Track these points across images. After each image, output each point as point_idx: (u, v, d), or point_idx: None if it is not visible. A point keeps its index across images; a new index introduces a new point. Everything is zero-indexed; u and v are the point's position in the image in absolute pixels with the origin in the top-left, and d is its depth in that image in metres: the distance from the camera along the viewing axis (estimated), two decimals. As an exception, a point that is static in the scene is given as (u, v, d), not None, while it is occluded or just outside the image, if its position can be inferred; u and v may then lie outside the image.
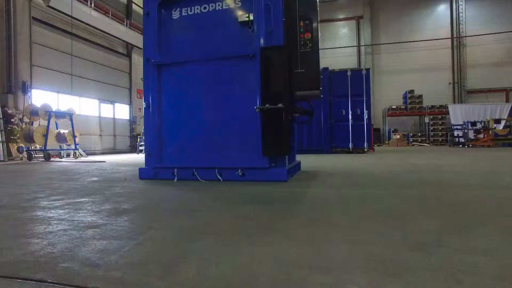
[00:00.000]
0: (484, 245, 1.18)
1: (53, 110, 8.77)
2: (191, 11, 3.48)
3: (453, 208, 1.85)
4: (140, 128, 15.31)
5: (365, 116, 9.17)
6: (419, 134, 20.15)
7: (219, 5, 3.38)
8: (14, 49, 9.51)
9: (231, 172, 3.24)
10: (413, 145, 19.46)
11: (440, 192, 2.42)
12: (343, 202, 2.08)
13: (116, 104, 14.27)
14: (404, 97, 20.74)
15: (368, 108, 9.20)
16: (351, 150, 9.31)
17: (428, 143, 19.49)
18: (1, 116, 8.18)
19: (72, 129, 9.11)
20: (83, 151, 10.74)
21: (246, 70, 3.20)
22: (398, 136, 18.50)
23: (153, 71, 3.50)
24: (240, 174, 3.21)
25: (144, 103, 3.61)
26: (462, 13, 20.76)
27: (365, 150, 9.24)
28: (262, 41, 3.13)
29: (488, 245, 1.18)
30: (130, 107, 15.17)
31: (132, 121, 15.21)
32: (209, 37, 3.40)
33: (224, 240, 1.33)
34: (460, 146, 14.17)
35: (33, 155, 8.29)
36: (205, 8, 3.43)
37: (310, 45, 3.23)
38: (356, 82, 9.25)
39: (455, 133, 14.85)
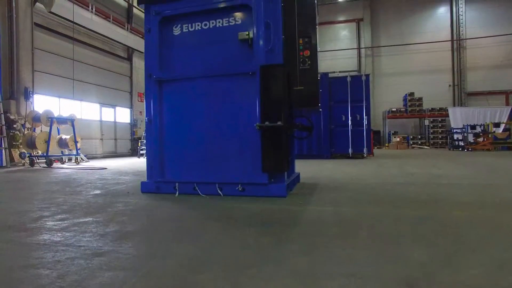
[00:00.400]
0: (472, 282, 1.24)
1: (55, 116, 8.84)
2: (192, 27, 3.54)
3: (446, 232, 1.92)
4: (141, 131, 15.38)
5: (365, 122, 9.23)
6: (419, 137, 20.21)
7: (219, 22, 3.45)
8: (16, 55, 9.59)
9: (231, 187, 3.31)
10: (413, 147, 19.53)
11: (435, 210, 2.49)
12: (339, 224, 2.15)
13: (117, 108, 14.35)
14: (404, 99, 20.80)
15: (368, 114, 9.27)
16: (350, 156, 9.37)
17: (428, 146, 19.55)
18: (4, 122, 8.24)
19: (73, 135, 9.18)
20: (85, 155, 10.82)
21: (246, 87, 3.27)
22: (398, 139, 18.56)
23: (154, 86, 3.57)
24: (240, 189, 3.27)
25: (146, 118, 3.68)
26: (462, 15, 20.80)
27: (365, 155, 9.31)
28: (262, 59, 3.20)
29: (477, 281, 1.25)
30: (131, 111, 15.25)
31: (133, 125, 15.29)
32: (210, 54, 3.47)
33: (225, 273, 1.39)
34: (460, 149, 14.23)
35: (35, 161, 8.37)
36: (205, 24, 3.49)
37: (309, 62, 3.29)
38: (356, 87, 9.32)
39: (455, 136, 14.90)
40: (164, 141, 3.58)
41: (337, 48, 22.91)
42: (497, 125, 14.04)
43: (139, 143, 12.95)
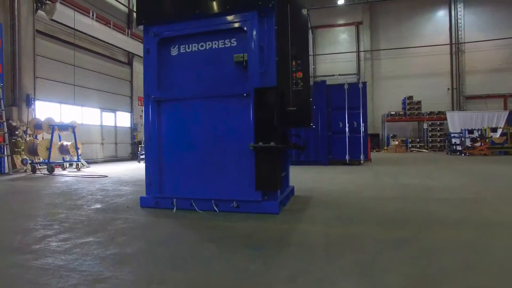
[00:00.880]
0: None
1: (56, 123, 8.98)
2: (189, 48, 3.68)
3: (427, 257, 2.05)
4: (141, 135, 15.51)
5: (362, 129, 9.36)
6: (418, 140, 20.33)
7: (215, 43, 3.58)
8: (18, 63, 9.73)
9: (226, 204, 3.44)
10: (412, 150, 19.66)
11: (419, 232, 2.61)
12: (326, 248, 2.28)
13: (118, 112, 14.49)
14: (403, 103, 20.92)
15: (365, 121, 9.39)
16: (348, 162, 9.50)
17: (427, 149, 19.67)
18: (6, 130, 8.38)
19: (74, 141, 9.32)
20: (86, 160, 10.96)
21: (241, 108, 3.40)
22: (397, 143, 18.68)
23: (153, 105, 3.70)
24: (235, 206, 3.41)
25: (145, 136, 3.82)
26: (460, 19, 20.93)
27: (362, 162, 9.43)
28: (256, 81, 3.33)
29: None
30: (131, 115, 15.39)
31: (133, 129, 15.44)
32: (206, 74, 3.60)
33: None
34: (458, 153, 14.34)
35: (37, 168, 8.51)
36: (202, 46, 3.63)
37: (302, 84, 3.42)
38: (353, 95, 9.45)
39: (453, 140, 15.02)
40: (162, 158, 3.72)
41: (337, 51, 23.05)
42: (494, 130, 14.16)
43: (139, 148, 13.09)
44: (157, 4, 3.71)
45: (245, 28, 3.37)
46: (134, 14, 15.42)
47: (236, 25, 3.41)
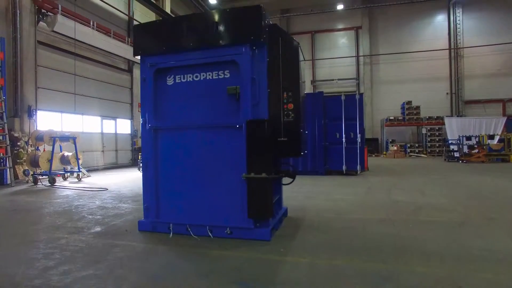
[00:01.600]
0: None
1: (58, 135, 9.13)
2: (184, 78, 3.82)
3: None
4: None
5: (358, 140, 9.48)
6: (416, 145, 20.42)
7: (209, 75, 3.72)
8: (20, 74, 9.90)
9: (220, 230, 3.58)
10: (410, 155, 19.75)
11: (399, 265, 2.74)
12: (309, 286, 2.41)
13: (118, 120, 14.65)
14: (402, 107, 21.02)
15: (361, 132, 9.51)
16: (344, 172, 9.62)
17: (425, 154, 19.77)
18: (8, 142, 8.54)
19: (75, 152, 9.48)
20: (86, 170, 11.12)
21: (234, 138, 3.54)
22: (396, 148, 18.79)
23: (150, 133, 3.85)
24: (228, 232, 3.55)
25: (142, 161, 3.96)
26: (459, 24, 21.01)
27: (358, 172, 9.56)
28: (248, 113, 3.46)
29: None
30: (131, 121, 15.55)
31: (133, 135, 15.59)
32: (200, 105, 3.74)
33: None
34: (455, 160, 14.44)
35: (38, 179, 8.66)
36: (196, 76, 3.76)
37: (293, 115, 3.56)
38: (350, 106, 9.56)
39: (451, 147, 15.12)
40: (159, 184, 3.86)
41: (336, 56, 23.16)
42: (491, 137, 14.26)
43: (140, 155, 13.24)
44: (153, 36, 3.85)
45: (237, 61, 3.50)
46: (134, 22, 15.58)
47: (229, 58, 3.54)
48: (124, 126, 15.24)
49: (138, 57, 3.94)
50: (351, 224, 4.14)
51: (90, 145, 13.05)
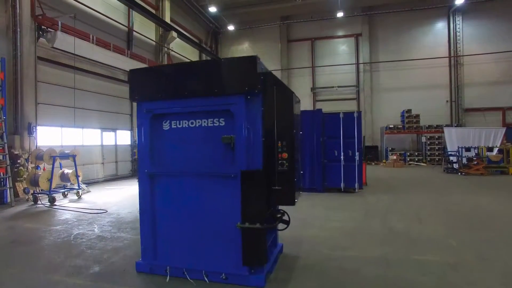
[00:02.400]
0: None
1: (57, 153, 9.19)
2: (179, 124, 3.86)
3: None
4: (142, 151, 15.72)
5: (356, 158, 9.51)
6: (416, 154, 20.44)
7: (204, 122, 3.76)
8: (20, 91, 9.97)
9: (216, 275, 3.63)
10: (410, 164, 19.77)
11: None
12: None
13: (118, 131, 14.71)
14: (402, 115, 21.04)
15: (360, 150, 9.54)
16: (342, 190, 9.67)
17: (425, 163, 19.78)
18: (9, 162, 8.60)
19: (75, 170, 9.54)
20: (86, 184, 11.19)
21: (229, 187, 3.58)
22: (395, 157, 18.81)
23: (146, 178, 3.90)
24: (223, 277, 3.60)
25: (139, 205, 4.01)
26: (459, 32, 21.01)
27: (356, 190, 9.60)
28: (243, 163, 3.51)
29: None
30: (131, 132, 15.62)
31: (133, 146, 15.66)
32: (196, 151, 3.78)
33: None
34: (455, 171, 14.45)
35: (38, 198, 8.73)
36: (192, 123, 3.81)
37: (287, 164, 3.60)
38: (348, 124, 9.59)
39: (450, 158, 15.14)
40: (156, 228, 3.90)
41: (336, 63, 23.17)
42: (490, 149, 14.27)
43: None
44: (149, 83, 3.90)
45: (232, 111, 3.54)
46: (134, 33, 15.66)
47: (224, 107, 3.59)
48: (124, 137, 15.31)
49: None
50: (346, 264, 4.18)
51: (90, 158, 13.12)
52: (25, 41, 10.08)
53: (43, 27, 10.62)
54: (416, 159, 20.14)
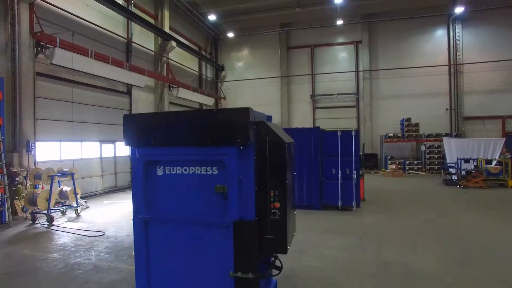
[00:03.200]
0: None
1: (56, 172, 9.22)
2: (173, 170, 3.87)
3: None
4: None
5: (354, 176, 9.53)
6: (416, 162, 20.43)
7: (198, 169, 3.77)
8: (19, 108, 10.00)
9: (209, 323, 3.65)
10: (409, 173, 19.77)
11: None
12: None
13: (117, 143, 14.74)
14: (401, 124, 21.03)
15: (357, 169, 9.55)
16: (340, 208, 9.70)
17: (424, 171, 19.78)
18: (7, 183, 8.64)
19: (73, 187, 9.58)
20: (85, 200, 11.23)
21: (221, 236, 3.59)
22: (394, 166, 18.82)
23: (141, 223, 3.91)
24: (217, 326, 3.62)
25: (134, 249, 4.03)
26: (459, 40, 20.97)
27: (353, 208, 9.62)
28: (235, 213, 3.52)
29: None
30: (130, 143, 15.62)
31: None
32: (189, 198, 3.79)
33: None
34: (454, 184, 14.43)
35: (37, 217, 8.77)
36: (185, 170, 3.82)
37: (279, 213, 3.62)
38: (346, 142, 9.61)
39: (449, 170, 15.13)
40: (150, 271, 3.91)
41: (336, 70, 23.17)
42: (489, 162, 14.26)
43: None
44: (142, 129, 3.91)
45: (224, 162, 3.56)
46: (133, 44, 15.68)
47: (216, 158, 3.60)
48: (123, 148, 15.32)
49: (136, 83, 3.98)
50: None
51: (89, 171, 13.15)
52: (24, 58, 10.11)
53: (41, 43, 10.65)
54: (416, 168, 20.13)
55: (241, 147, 3.57)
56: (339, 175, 9.66)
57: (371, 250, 6.41)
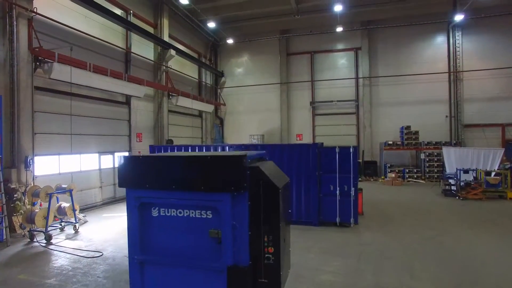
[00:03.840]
0: None
1: (54, 189, 9.24)
2: (168, 212, 3.87)
3: None
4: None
5: (352, 193, 9.52)
6: (415, 170, 20.41)
7: (192, 213, 3.77)
8: (17, 124, 10.00)
9: None
10: (409, 181, 19.76)
11: None
12: None
13: (116, 153, 14.74)
14: (401, 131, 21.02)
15: (355, 186, 9.54)
16: (338, 224, 9.70)
17: (423, 180, 19.76)
18: (5, 201, 8.64)
19: (72, 204, 9.58)
20: (83, 214, 11.24)
21: (216, 281, 3.59)
22: (393, 175, 18.80)
23: (136, 265, 3.91)
24: None
25: (128, 289, 4.03)
26: (459, 47, 20.95)
27: (351, 225, 9.62)
28: (229, 259, 3.52)
29: None
30: (129, 153, 15.64)
31: (132, 166, 15.67)
32: (184, 241, 3.79)
33: None
34: (453, 195, 14.40)
35: (35, 235, 8.77)
36: (180, 212, 3.82)
37: (273, 258, 3.62)
38: (344, 159, 9.60)
39: (449, 180, 15.10)
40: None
41: (335, 77, 23.15)
42: (488, 173, 14.22)
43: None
44: (137, 172, 3.90)
45: (218, 208, 3.56)
46: (132, 54, 15.68)
47: (210, 203, 3.60)
48: (122, 158, 15.31)
49: (135, 94, 3.96)
50: None
51: (88, 183, 13.16)
52: (22, 74, 10.11)
53: (40, 58, 10.65)
54: (415, 176, 20.11)
55: (235, 193, 3.57)
56: (337, 192, 9.65)
57: (368, 274, 6.41)
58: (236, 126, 25.28)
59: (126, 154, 15.51)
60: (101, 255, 7.67)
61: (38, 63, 10.71)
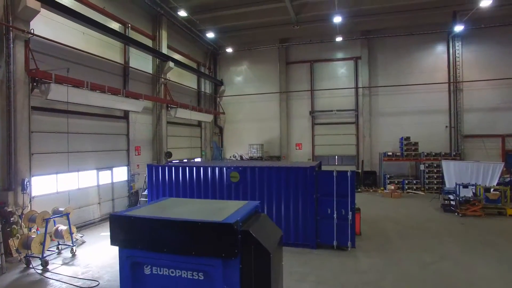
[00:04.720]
0: None
1: (51, 214, 9.21)
2: (160, 271, 3.85)
3: None
4: (139, 183, 15.77)
5: (349, 217, 9.48)
6: (414, 182, 20.35)
7: (184, 273, 3.75)
8: (14, 146, 9.96)
9: None
10: (408, 192, 19.73)
11: None
12: None
13: (114, 169, 14.71)
14: (401, 142, 20.96)
15: (352, 210, 9.50)
16: (335, 248, 9.66)
17: (423, 191, 19.71)
18: (0, 227, 8.61)
19: (68, 227, 9.56)
20: (80, 235, 11.21)
21: None
22: (393, 187, 18.76)
23: (127, 324, 3.88)
24: None
25: None
26: (459, 57, 20.86)
27: (349, 249, 9.57)
28: (220, 325, 3.49)
29: None
30: (128, 168, 15.62)
31: (130, 180, 15.67)
32: (176, 301, 3.76)
33: None
34: (452, 211, 14.34)
35: (31, 261, 8.74)
36: (172, 272, 3.80)
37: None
38: (341, 182, 9.56)
39: (448, 196, 15.04)
40: None
41: (335, 86, 23.09)
42: (487, 190, 14.14)
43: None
44: (129, 232, 3.88)
45: (209, 273, 3.53)
46: (130, 69, 15.65)
47: (202, 267, 3.57)
48: (120, 173, 15.30)
49: (133, 109, 3.93)
50: None
51: (86, 199, 13.14)
52: (19, 96, 10.07)
53: (37, 78, 10.62)
54: (414, 188, 20.05)
55: (226, 259, 3.54)
56: (335, 215, 9.62)
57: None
58: (236, 135, 25.24)
59: (125, 168, 15.49)
60: (97, 284, 7.65)
61: (35, 84, 10.68)
